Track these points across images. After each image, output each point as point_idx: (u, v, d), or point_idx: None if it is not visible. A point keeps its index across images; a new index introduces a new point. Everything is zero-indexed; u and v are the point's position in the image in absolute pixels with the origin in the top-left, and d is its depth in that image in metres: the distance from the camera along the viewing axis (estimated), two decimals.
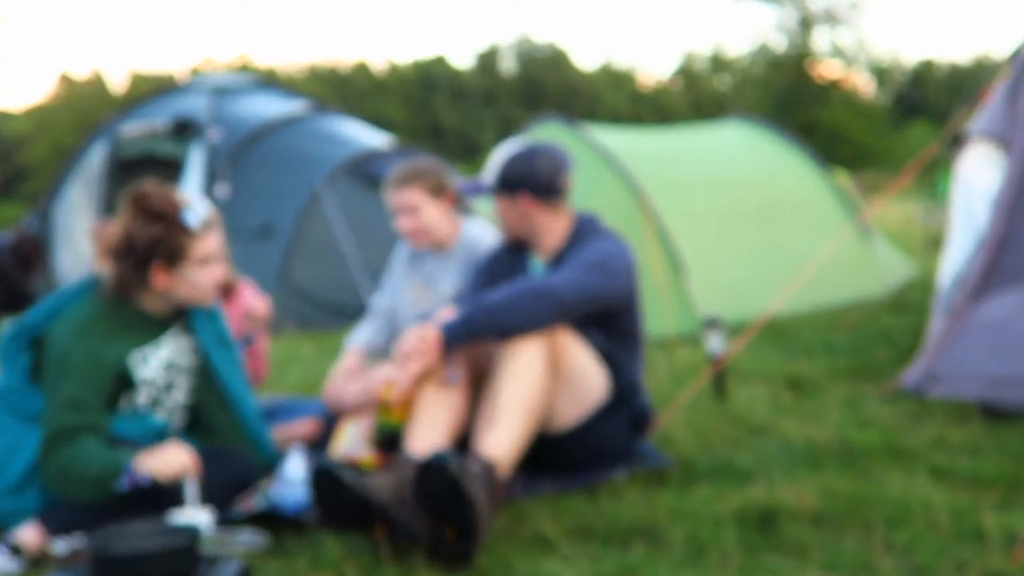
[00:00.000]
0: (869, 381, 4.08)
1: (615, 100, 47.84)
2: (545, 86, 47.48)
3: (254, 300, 3.48)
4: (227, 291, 3.50)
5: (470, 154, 40.06)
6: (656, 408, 3.57)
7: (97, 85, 41.93)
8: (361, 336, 3.47)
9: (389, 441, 2.64)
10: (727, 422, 3.45)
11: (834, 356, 4.69)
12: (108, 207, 7.49)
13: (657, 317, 5.53)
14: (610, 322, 2.79)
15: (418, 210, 3.29)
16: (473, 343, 2.60)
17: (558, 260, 2.83)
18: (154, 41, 75.13)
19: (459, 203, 3.52)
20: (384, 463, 2.72)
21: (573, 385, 2.66)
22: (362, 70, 48.01)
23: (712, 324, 3.85)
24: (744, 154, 7.06)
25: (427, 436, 2.52)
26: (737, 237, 6.33)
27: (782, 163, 7.07)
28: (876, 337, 5.06)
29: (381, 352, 3.46)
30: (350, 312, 6.55)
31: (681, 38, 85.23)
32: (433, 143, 40.77)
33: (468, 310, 2.58)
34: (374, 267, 6.60)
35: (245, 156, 7.29)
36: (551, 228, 2.87)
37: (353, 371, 3.32)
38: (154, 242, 2.51)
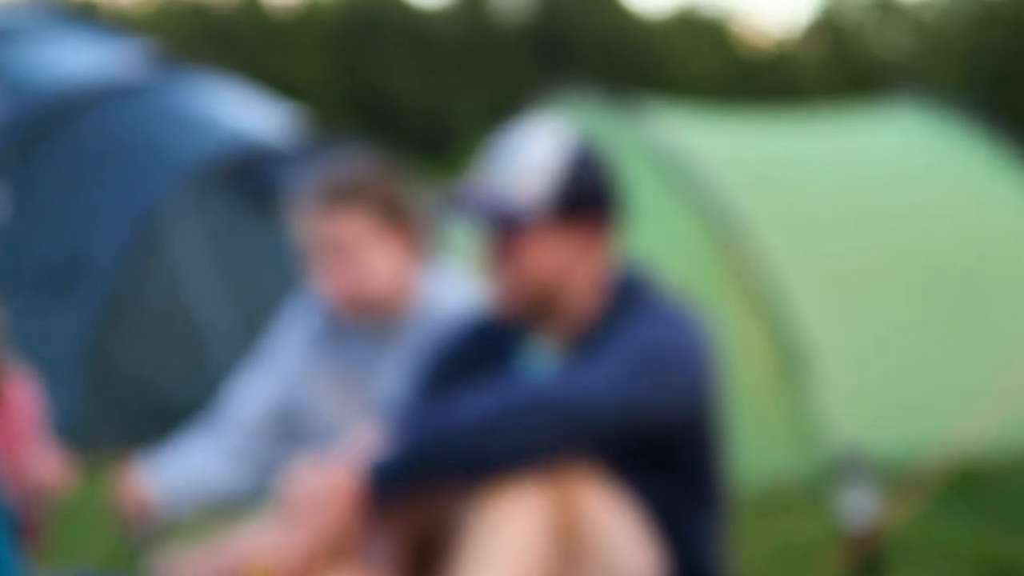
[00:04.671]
0: None
1: (700, 64, 47.92)
2: (573, 38, 47.68)
3: (41, 458, 3.47)
4: None
5: (436, 146, 39.97)
6: None
7: None
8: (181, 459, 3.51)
9: None
10: None
11: None
12: None
13: (756, 450, 5.49)
14: (664, 460, 2.83)
15: (353, 250, 3.39)
16: (419, 492, 2.65)
17: (583, 346, 2.88)
18: None
19: (421, 240, 3.55)
20: None
21: (597, 566, 2.67)
22: (254, 4, 48.40)
23: (855, 466, 3.95)
24: (921, 164, 7.10)
25: None
26: (904, 310, 6.37)
27: (987, 181, 7.10)
28: None
29: (235, 497, 3.52)
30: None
31: None
32: (375, 126, 40.66)
33: (413, 433, 2.64)
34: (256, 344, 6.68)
35: (38, 148, 7.41)
36: (582, 284, 2.92)
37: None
38: None
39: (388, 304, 3.42)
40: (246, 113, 8.00)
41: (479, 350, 3.00)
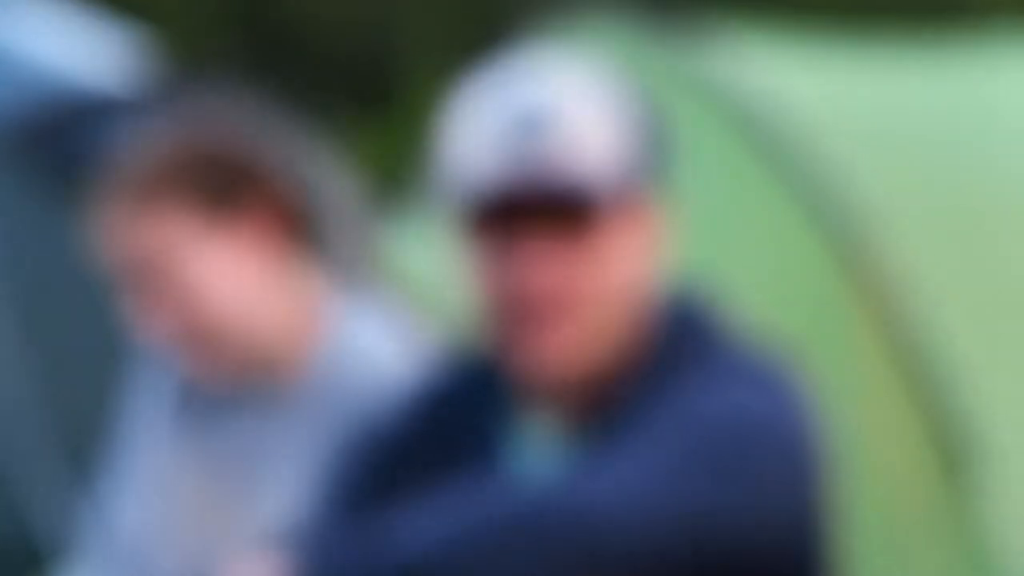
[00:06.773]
0: None
1: None
2: None
3: None
4: None
5: (377, 90, 41.01)
6: None
7: None
8: None
9: None
10: None
11: None
12: None
13: (903, 570, 5.18)
14: None
15: (179, 265, 3.17)
16: None
17: (608, 418, 2.66)
18: None
19: (322, 245, 3.38)
20: None
21: None
22: None
23: None
24: None
25: None
26: None
27: None
28: None
29: None
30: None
31: None
32: (283, 62, 41.54)
33: (342, 569, 2.55)
34: (73, 425, 5.71)
35: None
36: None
37: None
38: None
39: (260, 350, 3.18)
40: (62, 41, 7.10)
41: (443, 429, 2.78)
